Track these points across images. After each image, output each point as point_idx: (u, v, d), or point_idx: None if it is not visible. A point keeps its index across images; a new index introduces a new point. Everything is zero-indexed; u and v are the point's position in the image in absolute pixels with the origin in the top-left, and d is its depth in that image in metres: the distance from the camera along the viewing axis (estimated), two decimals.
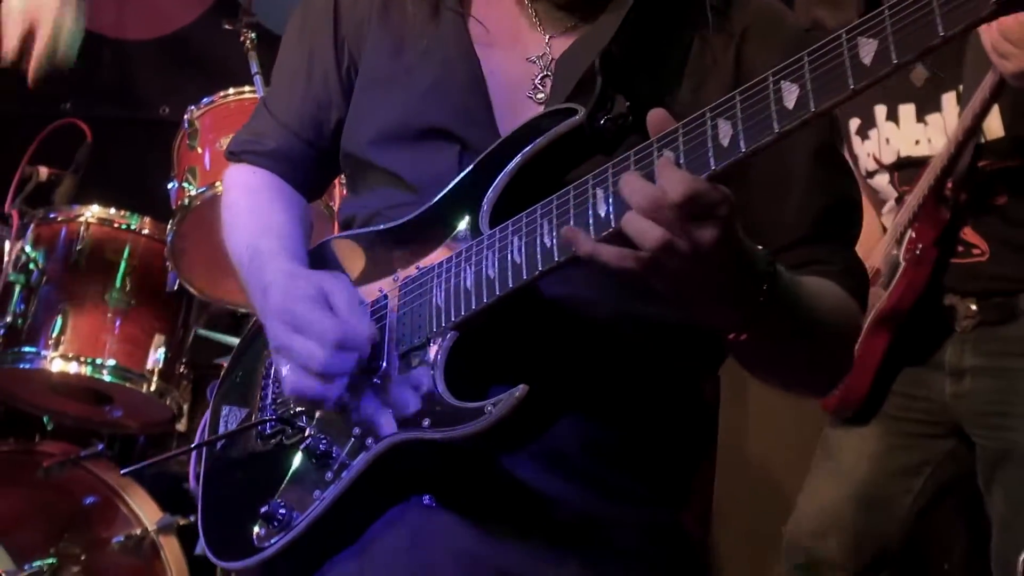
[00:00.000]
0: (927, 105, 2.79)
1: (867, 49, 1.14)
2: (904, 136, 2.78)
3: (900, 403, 2.86)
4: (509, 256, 1.37)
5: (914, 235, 2.74)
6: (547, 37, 1.55)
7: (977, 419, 2.76)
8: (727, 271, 1.27)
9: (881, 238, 2.91)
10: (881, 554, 2.94)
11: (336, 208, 2.66)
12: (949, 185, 2.69)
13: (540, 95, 1.53)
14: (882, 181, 2.89)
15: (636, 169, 1.28)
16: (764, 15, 1.56)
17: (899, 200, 2.86)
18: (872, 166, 2.84)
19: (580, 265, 1.33)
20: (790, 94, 1.19)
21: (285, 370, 1.46)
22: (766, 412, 3.80)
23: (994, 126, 2.65)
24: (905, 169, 2.84)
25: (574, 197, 1.33)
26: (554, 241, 1.34)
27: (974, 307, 2.72)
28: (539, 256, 1.34)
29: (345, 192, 1.71)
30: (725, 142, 1.22)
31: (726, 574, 3.85)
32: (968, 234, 2.72)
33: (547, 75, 1.54)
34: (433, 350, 1.42)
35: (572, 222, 1.32)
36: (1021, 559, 2.51)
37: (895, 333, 2.80)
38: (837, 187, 1.54)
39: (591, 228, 1.31)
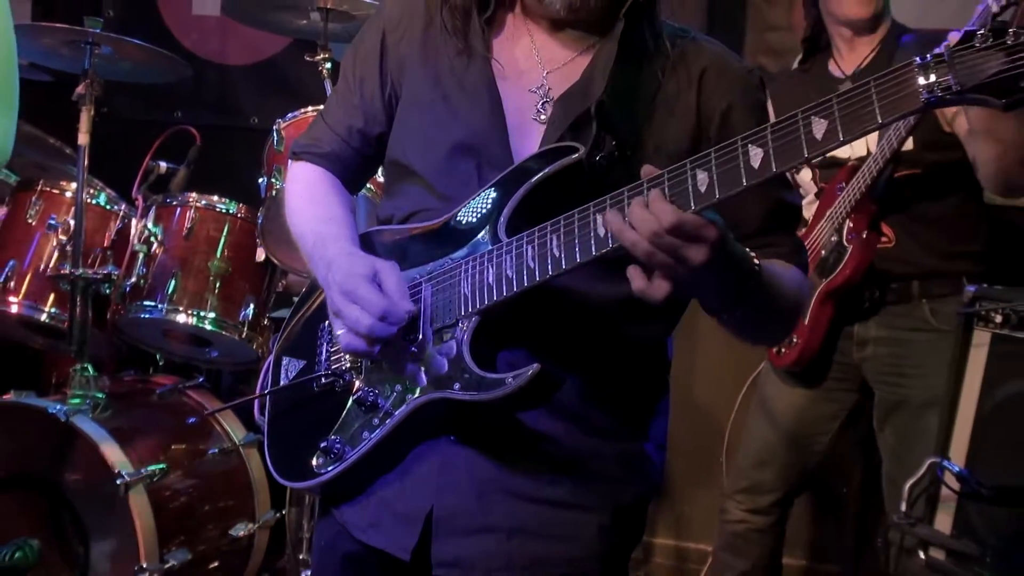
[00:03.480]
0: None
1: (819, 127, 1.22)
2: None
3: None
4: (524, 261, 1.45)
5: (852, 224, 2.92)
6: (544, 72, 1.64)
7: (878, 377, 2.99)
8: (723, 274, 1.37)
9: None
10: (804, 479, 3.23)
11: None
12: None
13: (543, 117, 1.61)
14: (805, 176, 3.08)
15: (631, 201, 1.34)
16: (716, 60, 1.63)
17: (818, 195, 3.03)
18: None
19: (579, 271, 1.42)
20: (756, 156, 1.27)
21: (340, 331, 1.55)
22: (709, 361, 4.04)
23: (908, 142, 2.83)
24: (825, 169, 3.00)
25: (578, 219, 1.40)
26: (562, 252, 1.40)
27: (878, 292, 2.96)
28: (549, 263, 1.42)
29: (383, 194, 1.79)
30: (702, 188, 1.30)
31: (674, 489, 4.17)
32: (883, 226, 2.93)
33: (546, 102, 1.62)
34: (461, 328, 1.51)
35: (577, 240, 1.39)
36: (907, 485, 2.74)
37: (840, 304, 3.00)
38: (782, 195, 1.65)
39: (592, 245, 1.38)
